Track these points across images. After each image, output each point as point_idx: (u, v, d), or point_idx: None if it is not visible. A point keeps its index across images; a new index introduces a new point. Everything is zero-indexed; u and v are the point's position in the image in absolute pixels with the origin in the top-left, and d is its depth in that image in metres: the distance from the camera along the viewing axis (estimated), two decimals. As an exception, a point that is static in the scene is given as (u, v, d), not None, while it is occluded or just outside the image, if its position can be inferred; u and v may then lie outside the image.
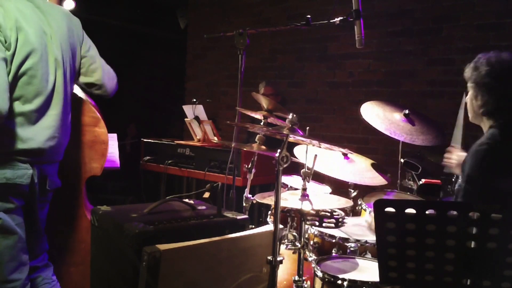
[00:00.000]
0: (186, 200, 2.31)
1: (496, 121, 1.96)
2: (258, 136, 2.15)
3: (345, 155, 2.56)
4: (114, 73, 2.38)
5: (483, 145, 1.86)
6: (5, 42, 1.88)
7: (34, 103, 1.98)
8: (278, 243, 1.73)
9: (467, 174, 1.83)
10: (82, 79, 2.27)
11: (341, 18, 2.15)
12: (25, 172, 1.95)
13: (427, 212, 1.32)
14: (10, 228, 1.92)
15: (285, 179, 2.80)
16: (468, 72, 2.02)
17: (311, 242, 2.40)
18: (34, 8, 2.04)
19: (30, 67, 1.95)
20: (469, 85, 2.03)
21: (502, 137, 1.88)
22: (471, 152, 1.88)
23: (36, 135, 1.98)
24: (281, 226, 2.40)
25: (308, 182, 2.00)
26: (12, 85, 1.90)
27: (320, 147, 2.04)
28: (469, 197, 1.80)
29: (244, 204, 2.52)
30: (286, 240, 2.49)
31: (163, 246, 1.66)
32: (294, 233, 2.50)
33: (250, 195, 2.53)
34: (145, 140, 4.37)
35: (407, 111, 2.87)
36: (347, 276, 1.96)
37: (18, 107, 1.93)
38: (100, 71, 2.30)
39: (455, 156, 2.28)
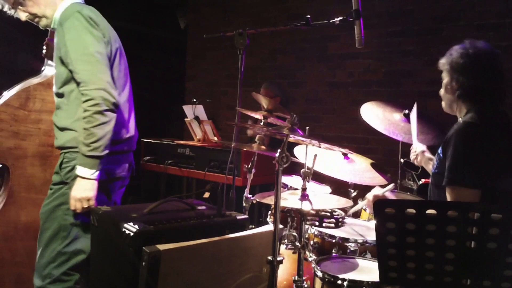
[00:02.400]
0: (186, 200, 2.31)
1: (473, 105, 1.97)
2: (258, 136, 2.15)
3: (345, 155, 2.56)
4: None
5: (465, 124, 1.88)
6: (104, 36, 2.13)
7: (125, 93, 2.25)
8: (278, 243, 1.73)
9: (454, 152, 1.83)
10: None
11: (341, 18, 2.15)
12: (125, 165, 2.22)
13: (427, 212, 1.32)
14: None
15: (285, 179, 2.81)
16: (442, 60, 2.06)
17: (311, 242, 2.40)
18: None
19: (119, 61, 2.21)
20: (444, 71, 2.06)
21: (480, 121, 1.88)
22: (454, 132, 1.88)
23: (131, 123, 2.27)
24: (281, 226, 2.40)
25: (308, 182, 2.00)
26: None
27: (320, 147, 2.04)
28: (455, 173, 1.80)
29: (244, 204, 2.53)
30: (286, 240, 2.49)
31: (163, 246, 1.66)
32: (294, 233, 2.50)
33: (250, 195, 2.53)
34: (145, 140, 4.37)
35: (407, 111, 2.87)
36: (347, 276, 1.96)
37: (119, 98, 2.14)
38: None
39: (414, 149, 2.46)
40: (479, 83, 1.95)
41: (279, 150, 1.71)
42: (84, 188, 2.05)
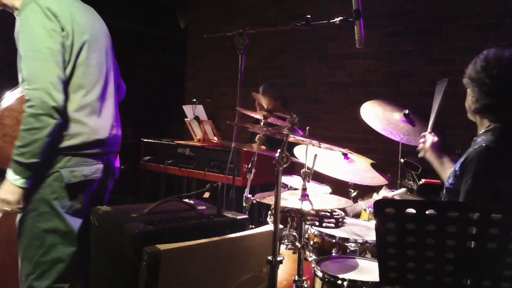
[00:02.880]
0: (186, 200, 2.31)
1: (491, 122, 1.93)
2: (258, 136, 2.15)
3: (345, 155, 2.56)
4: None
5: (487, 149, 1.81)
6: (63, 30, 1.93)
7: (95, 92, 2.05)
8: (278, 243, 1.73)
9: (473, 178, 1.79)
10: None
11: (341, 18, 2.15)
12: (97, 166, 2.02)
13: (427, 212, 1.32)
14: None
15: (285, 179, 2.80)
16: (469, 67, 1.96)
17: (311, 242, 2.40)
18: (80, 4, 2.15)
19: (86, 56, 2.02)
20: (464, 80, 1.98)
21: (502, 145, 1.83)
22: (475, 156, 1.83)
23: (103, 124, 2.06)
24: (281, 226, 2.40)
25: (308, 182, 2.00)
26: (72, 76, 1.97)
27: (320, 147, 2.04)
28: (472, 197, 1.78)
29: (244, 204, 2.52)
30: (286, 240, 2.49)
31: (163, 246, 1.66)
32: (294, 233, 2.50)
33: (250, 195, 2.53)
34: (145, 140, 4.36)
35: (407, 111, 2.87)
36: (347, 276, 1.96)
37: (83, 98, 1.99)
38: None
39: (424, 139, 2.35)
40: (496, 103, 1.86)
41: (279, 150, 1.71)
42: (6, 190, 1.89)
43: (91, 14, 2.20)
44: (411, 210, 1.32)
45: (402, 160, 3.03)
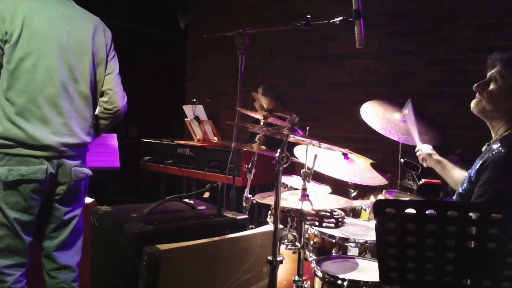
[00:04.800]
0: (186, 200, 2.31)
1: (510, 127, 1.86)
2: (258, 136, 2.15)
3: (345, 155, 2.55)
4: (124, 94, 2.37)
5: (506, 156, 1.76)
6: (6, 34, 1.96)
7: (40, 99, 2.02)
8: (278, 243, 1.73)
9: (487, 183, 1.75)
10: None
11: (341, 18, 2.15)
12: (40, 167, 2.01)
13: (427, 212, 1.32)
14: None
15: (285, 179, 2.80)
16: (504, 63, 1.85)
17: (311, 242, 2.40)
18: (60, 10, 2.11)
19: (34, 63, 2.01)
20: (503, 80, 1.85)
21: None
22: (493, 161, 1.78)
23: (46, 131, 2.03)
24: (281, 226, 2.40)
25: (308, 182, 2.00)
26: (13, 78, 1.98)
27: (320, 147, 2.04)
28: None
29: (244, 204, 2.52)
30: (286, 240, 2.49)
31: (163, 246, 1.66)
32: (294, 233, 2.50)
33: (250, 195, 2.53)
34: (145, 140, 4.37)
35: (407, 111, 2.87)
36: (347, 276, 1.96)
37: (25, 103, 1.99)
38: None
39: (419, 151, 2.37)
40: None
41: (279, 150, 1.71)
42: None
43: (77, 22, 2.16)
44: (411, 210, 1.32)
45: (402, 160, 3.02)
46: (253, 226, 2.19)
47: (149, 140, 4.34)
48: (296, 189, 2.60)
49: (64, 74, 2.09)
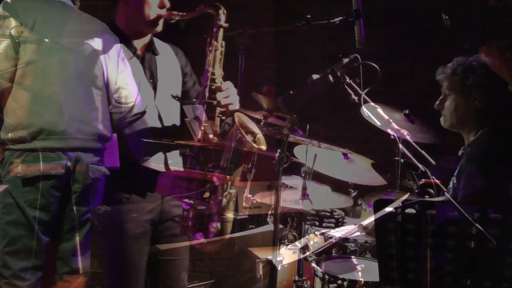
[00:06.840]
0: (186, 200, 2.31)
1: (484, 127, 1.92)
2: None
3: (345, 155, 2.55)
4: None
5: (481, 156, 1.85)
6: (21, 24, 1.95)
7: (55, 90, 2.04)
8: (278, 243, 1.73)
9: (468, 180, 1.80)
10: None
11: (341, 18, 2.15)
12: (58, 162, 1.99)
13: (427, 212, 1.32)
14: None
15: (285, 179, 2.80)
16: (454, 75, 1.96)
17: (311, 242, 2.40)
18: (64, 13, 2.17)
19: (41, 58, 2.00)
20: (457, 89, 1.99)
21: (496, 150, 1.86)
22: (467, 164, 1.84)
23: (65, 116, 2.04)
24: (281, 226, 2.40)
25: (308, 181, 2.00)
26: (27, 65, 1.97)
27: (320, 147, 2.04)
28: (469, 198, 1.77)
29: (244, 204, 2.52)
30: (286, 240, 2.49)
31: (163, 246, 1.66)
32: (294, 233, 2.50)
33: (250, 195, 2.52)
34: (145, 140, 4.35)
35: (407, 111, 2.87)
36: (347, 276, 1.95)
37: (39, 92, 2.00)
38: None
39: None
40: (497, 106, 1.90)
41: (279, 150, 1.71)
42: None
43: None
44: (411, 210, 1.32)
45: (402, 160, 3.02)
46: (253, 226, 2.19)
47: (149, 140, 4.33)
48: (296, 189, 2.60)
49: (79, 64, 2.12)
